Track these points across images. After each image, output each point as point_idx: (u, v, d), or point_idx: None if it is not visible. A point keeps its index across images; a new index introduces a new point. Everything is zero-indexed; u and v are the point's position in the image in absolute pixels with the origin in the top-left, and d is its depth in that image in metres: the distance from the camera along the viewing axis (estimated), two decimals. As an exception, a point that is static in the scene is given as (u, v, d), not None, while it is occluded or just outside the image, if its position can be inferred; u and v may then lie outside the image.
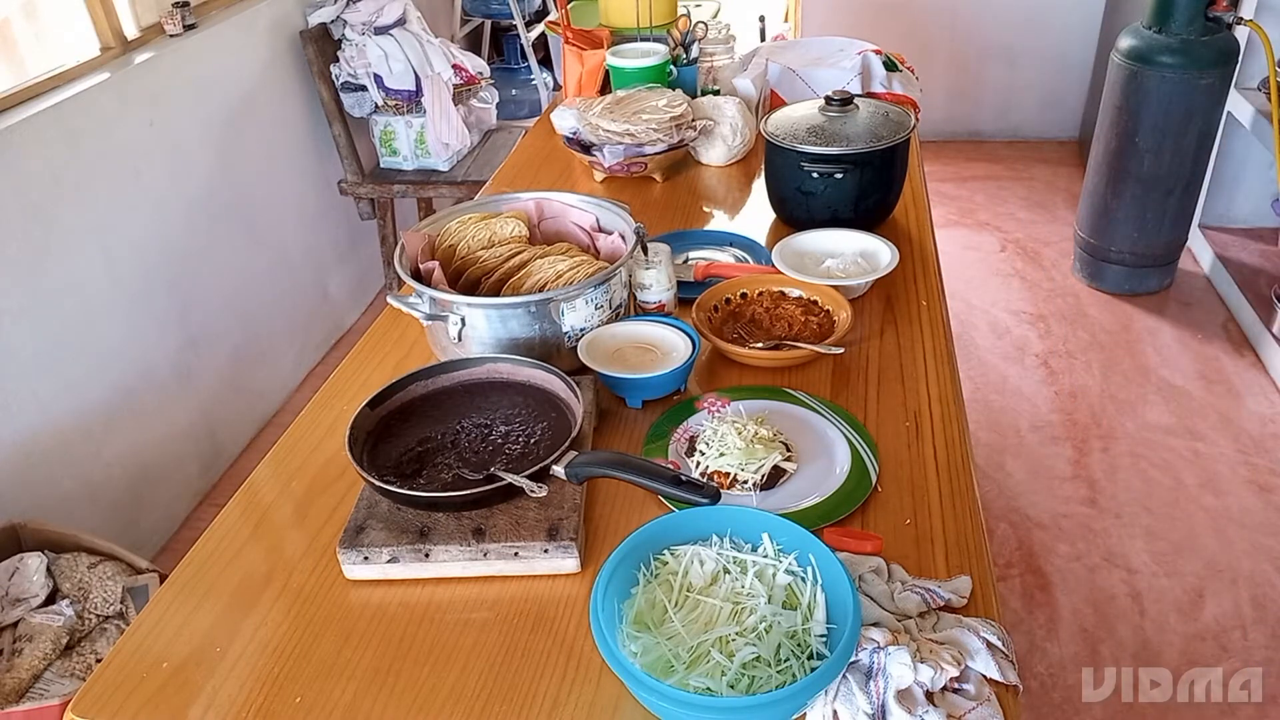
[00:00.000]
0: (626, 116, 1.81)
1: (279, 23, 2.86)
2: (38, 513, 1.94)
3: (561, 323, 1.22)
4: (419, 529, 0.99)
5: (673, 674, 0.79)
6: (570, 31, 2.20)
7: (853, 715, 0.77)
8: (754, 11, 3.25)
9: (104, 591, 1.79)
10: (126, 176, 2.27)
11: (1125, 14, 3.67)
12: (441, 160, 3.03)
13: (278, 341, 2.92)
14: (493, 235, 1.38)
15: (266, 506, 1.12)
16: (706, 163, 1.95)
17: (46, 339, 2.06)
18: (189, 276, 2.50)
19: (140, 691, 0.89)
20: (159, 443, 2.40)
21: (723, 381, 1.27)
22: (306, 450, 1.19)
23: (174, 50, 2.44)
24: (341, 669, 0.90)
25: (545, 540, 0.97)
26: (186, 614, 0.97)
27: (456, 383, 1.17)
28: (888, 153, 1.53)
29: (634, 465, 0.97)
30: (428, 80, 2.93)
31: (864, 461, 1.09)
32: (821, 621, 0.82)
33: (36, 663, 1.66)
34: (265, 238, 2.84)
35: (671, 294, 1.37)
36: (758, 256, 1.55)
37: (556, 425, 1.09)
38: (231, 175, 2.66)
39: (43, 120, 2.03)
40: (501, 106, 3.53)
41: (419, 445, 1.08)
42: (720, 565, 0.87)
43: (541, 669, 0.88)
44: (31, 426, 2.01)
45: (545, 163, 2.04)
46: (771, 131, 1.58)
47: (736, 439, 1.08)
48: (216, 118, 2.60)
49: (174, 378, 2.45)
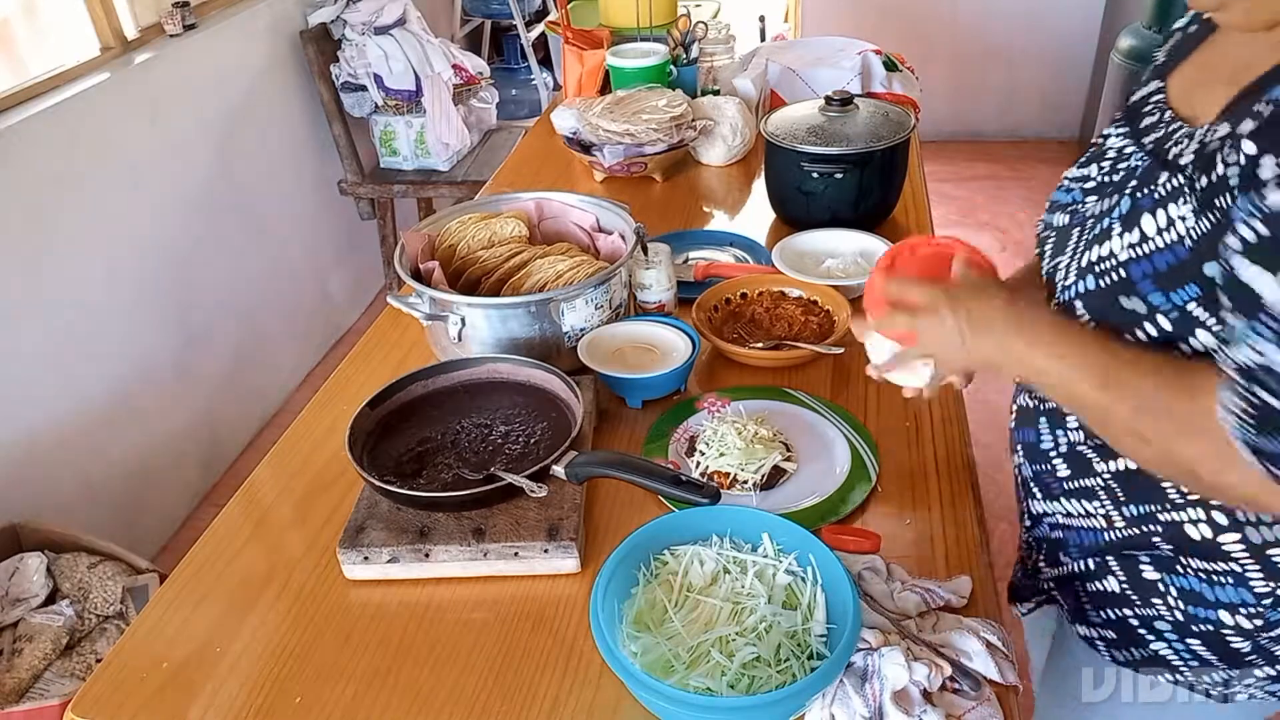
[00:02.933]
0: (626, 116, 1.81)
1: (279, 23, 2.85)
2: (38, 513, 1.93)
3: (561, 323, 1.22)
4: (419, 529, 0.99)
5: (673, 674, 0.79)
6: (570, 31, 2.20)
7: (850, 719, 0.77)
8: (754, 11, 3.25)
9: (104, 591, 1.79)
10: (126, 176, 2.27)
11: (1125, 14, 3.67)
12: (441, 160, 3.03)
13: (278, 341, 2.92)
14: (493, 235, 1.38)
15: (266, 506, 1.12)
16: (706, 163, 1.95)
17: (46, 339, 2.06)
18: (189, 276, 2.50)
19: (140, 691, 0.89)
20: (159, 443, 2.40)
21: (723, 381, 1.27)
22: (306, 450, 1.19)
23: (174, 50, 2.44)
24: (341, 669, 0.90)
25: (545, 540, 0.97)
26: (186, 614, 0.97)
27: (456, 383, 1.17)
28: (888, 153, 1.53)
29: (634, 465, 0.97)
30: (428, 80, 2.93)
31: (864, 461, 1.09)
32: (821, 621, 0.82)
33: (36, 663, 1.66)
34: (265, 238, 2.84)
35: (671, 294, 1.37)
36: (758, 256, 1.55)
37: (556, 425, 1.09)
38: (231, 175, 2.66)
39: (43, 120, 2.03)
40: (501, 106, 3.53)
41: (419, 445, 1.08)
42: (720, 565, 0.87)
43: (541, 669, 0.88)
44: (31, 426, 2.01)
45: (545, 163, 2.04)
46: (771, 131, 1.58)
47: (736, 439, 1.08)
48: (216, 118, 2.60)
49: (174, 378, 2.45)
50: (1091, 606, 1.00)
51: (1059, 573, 1.04)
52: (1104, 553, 0.96)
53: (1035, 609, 1.12)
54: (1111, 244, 0.83)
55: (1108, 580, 0.97)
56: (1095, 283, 0.85)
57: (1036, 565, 1.08)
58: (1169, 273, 0.78)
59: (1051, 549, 1.04)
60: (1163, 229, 0.79)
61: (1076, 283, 0.87)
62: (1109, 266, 0.83)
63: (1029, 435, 1.01)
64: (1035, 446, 0.99)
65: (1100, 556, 0.97)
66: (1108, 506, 0.93)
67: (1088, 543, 0.98)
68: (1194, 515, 0.87)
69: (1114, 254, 0.83)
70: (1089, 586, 0.99)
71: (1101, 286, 0.84)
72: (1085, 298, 0.86)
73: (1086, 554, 0.99)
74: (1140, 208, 0.81)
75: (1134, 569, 0.94)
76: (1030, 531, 1.07)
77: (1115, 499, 0.93)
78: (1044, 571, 1.07)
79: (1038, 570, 1.08)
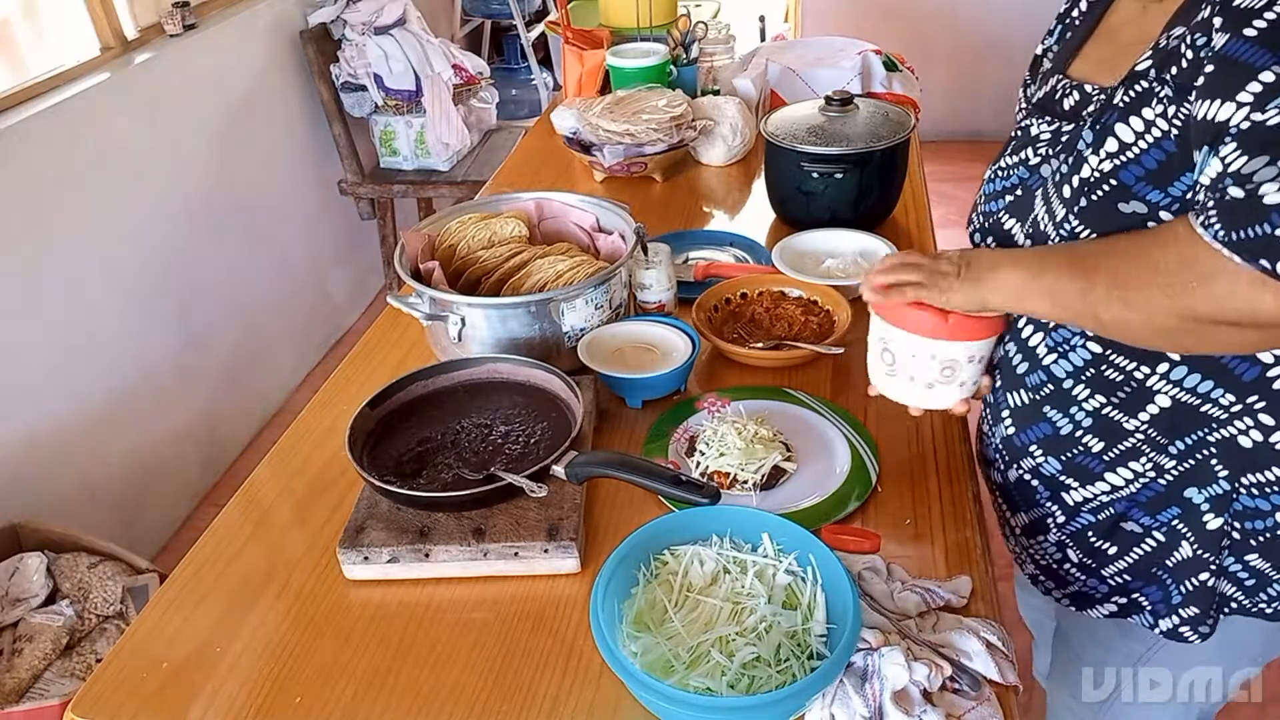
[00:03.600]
0: (626, 116, 1.81)
1: (279, 23, 2.85)
2: (38, 513, 1.93)
3: (561, 323, 1.22)
4: (419, 529, 0.99)
5: (673, 674, 0.79)
6: (570, 31, 2.20)
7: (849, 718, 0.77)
8: (754, 11, 3.25)
9: (104, 591, 1.79)
10: (126, 176, 2.27)
11: (1125, 14, 3.66)
12: (441, 160, 3.03)
13: (278, 341, 2.92)
14: (493, 235, 1.38)
15: (266, 506, 1.12)
16: (706, 163, 1.95)
17: (47, 339, 2.06)
18: (189, 276, 2.50)
19: (140, 691, 0.89)
20: (159, 443, 2.40)
21: (723, 381, 1.27)
22: (306, 450, 1.19)
23: (174, 50, 2.44)
24: (341, 669, 0.90)
25: (545, 540, 0.97)
26: (186, 614, 0.97)
27: (456, 383, 1.17)
28: (888, 153, 1.53)
29: (634, 465, 0.97)
30: (428, 80, 2.93)
31: (864, 461, 1.09)
32: (821, 621, 0.82)
33: (36, 663, 1.66)
34: (265, 238, 2.84)
35: (671, 294, 1.37)
36: (758, 256, 1.55)
37: (556, 425, 1.09)
38: (231, 175, 2.66)
39: (43, 120, 2.03)
40: (501, 106, 3.53)
41: (419, 445, 1.08)
42: (720, 565, 0.87)
43: (541, 669, 0.88)
44: (31, 426, 2.01)
45: (545, 163, 2.03)
46: (771, 131, 1.58)
47: (736, 439, 1.08)
48: (216, 118, 2.60)
49: (174, 378, 2.45)
50: (1174, 582, 0.98)
51: (1131, 559, 1.00)
52: (1165, 503, 0.95)
53: (1118, 614, 1.05)
54: (1089, 165, 0.86)
55: (1180, 549, 0.96)
56: (1088, 200, 0.86)
57: (1102, 555, 1.02)
58: (1160, 170, 0.81)
59: (1109, 530, 1.00)
60: (1140, 133, 0.82)
61: (1068, 215, 0.88)
62: (1096, 180, 0.85)
63: (1043, 430, 0.99)
64: (1055, 437, 0.98)
65: (1163, 510, 0.96)
66: (1154, 455, 0.93)
67: (1145, 500, 0.96)
68: (1241, 426, 0.88)
69: (1096, 169, 0.85)
70: (1167, 562, 0.98)
71: (1096, 199, 0.86)
72: (1082, 215, 0.87)
73: (1149, 512, 0.97)
74: (1107, 124, 0.84)
75: (1198, 523, 0.94)
76: (1068, 525, 1.03)
77: (1157, 445, 0.92)
78: (1112, 563, 1.02)
79: (1103, 560, 1.03)
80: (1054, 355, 0.95)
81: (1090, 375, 0.93)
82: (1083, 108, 0.91)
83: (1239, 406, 0.87)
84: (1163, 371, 0.89)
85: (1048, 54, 1.05)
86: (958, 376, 0.96)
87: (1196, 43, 0.77)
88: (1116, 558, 1.01)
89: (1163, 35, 0.82)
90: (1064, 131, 0.93)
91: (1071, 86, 0.94)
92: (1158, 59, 0.81)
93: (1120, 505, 0.98)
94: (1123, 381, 0.91)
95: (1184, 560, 0.96)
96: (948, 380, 0.96)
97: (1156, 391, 0.90)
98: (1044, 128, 0.97)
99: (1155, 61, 0.81)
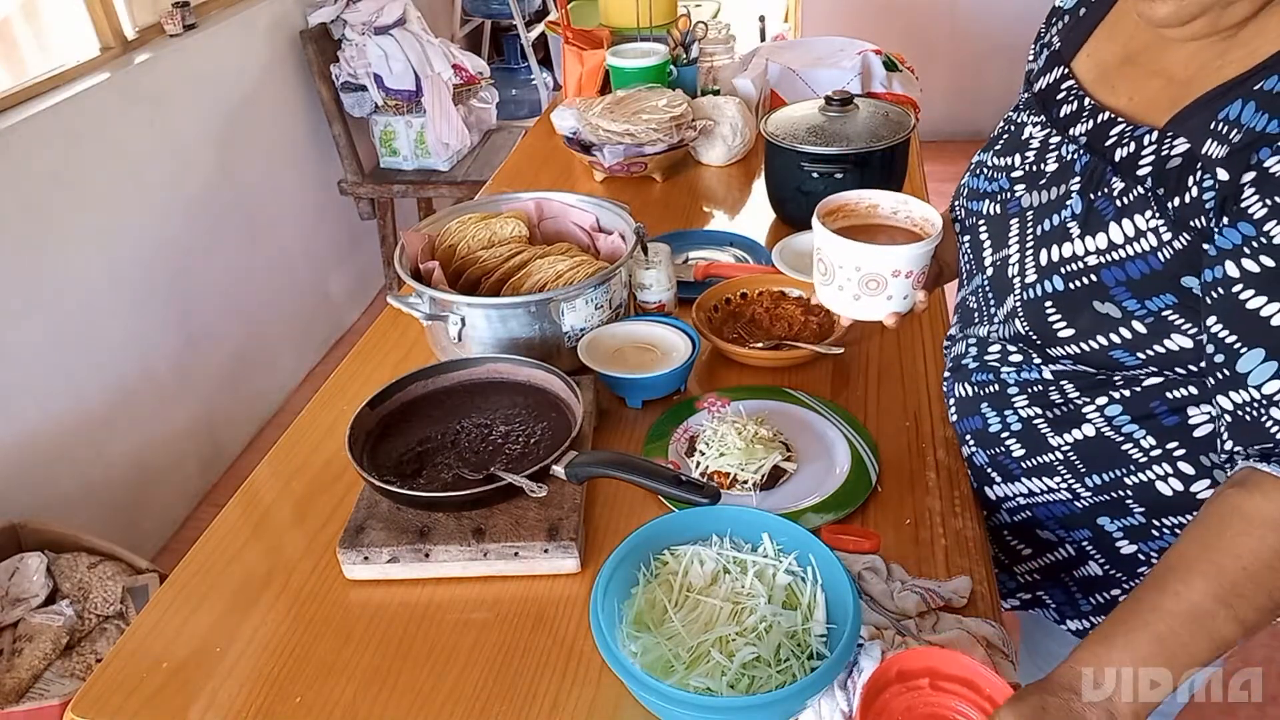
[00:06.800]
0: (626, 116, 1.81)
1: (279, 23, 2.86)
2: (38, 513, 1.94)
3: (561, 323, 1.22)
4: (419, 529, 0.99)
5: (673, 674, 0.79)
6: (570, 31, 2.20)
7: (830, 712, 0.77)
8: (754, 11, 3.25)
9: (104, 591, 1.79)
10: (126, 176, 2.27)
11: (1125, 14, 3.66)
12: (441, 160, 3.03)
13: (278, 341, 2.92)
14: (493, 235, 1.38)
15: (266, 506, 1.12)
16: (706, 163, 1.95)
17: (46, 339, 2.06)
18: (189, 276, 2.50)
19: (140, 691, 0.89)
20: (159, 443, 2.40)
21: (723, 381, 1.27)
22: (306, 450, 1.19)
23: (174, 50, 2.45)
24: (341, 669, 0.90)
25: (545, 540, 0.97)
26: (186, 614, 0.97)
27: (456, 383, 1.17)
28: (888, 153, 1.53)
29: (634, 465, 0.97)
30: (428, 80, 2.93)
31: (864, 461, 1.09)
32: (821, 621, 0.82)
33: (36, 663, 1.66)
34: (265, 238, 2.84)
35: (671, 294, 1.37)
36: (758, 256, 1.55)
37: (556, 425, 1.09)
38: (231, 175, 2.66)
39: (43, 120, 2.03)
40: (501, 106, 3.53)
41: (419, 445, 1.08)
42: (720, 565, 0.87)
43: (541, 669, 0.88)
44: (31, 426, 2.01)
45: (545, 163, 2.03)
46: (771, 131, 1.58)
47: (736, 439, 1.08)
48: (216, 118, 2.60)
49: (174, 378, 2.45)
50: (1081, 593, 1.00)
51: (1042, 563, 1.04)
52: (1078, 523, 0.97)
53: (1020, 607, 1.11)
54: (1074, 246, 0.85)
55: (1089, 566, 0.97)
56: (1064, 284, 0.86)
57: (1015, 553, 1.07)
58: (1143, 281, 0.80)
59: (1023, 531, 1.04)
60: (1131, 238, 0.80)
61: (1040, 282, 0.88)
62: (1077, 269, 0.84)
63: (975, 423, 1.02)
64: (984, 432, 1.01)
65: (1076, 529, 0.97)
66: (1069, 480, 0.95)
67: (1059, 514, 0.98)
68: (1161, 471, 0.88)
69: (1079, 257, 0.84)
70: (1075, 574, 1.00)
71: (1072, 289, 0.85)
72: (1055, 299, 0.87)
73: (1062, 526, 0.99)
74: (1102, 214, 0.83)
75: (1110, 547, 0.95)
76: (990, 519, 1.07)
77: (1076, 471, 0.94)
78: (1024, 562, 1.07)
79: (1016, 558, 1.08)
80: (1009, 367, 0.97)
81: (1034, 391, 0.95)
82: (1072, 123, 0.90)
83: (1158, 451, 0.88)
84: (1100, 404, 0.90)
85: (1048, 45, 1.01)
86: (884, 290, 0.99)
87: (1204, 182, 0.74)
88: (1030, 558, 1.05)
89: (1164, 141, 0.78)
90: (1046, 160, 0.91)
91: (1071, 93, 0.92)
92: (1160, 177, 0.78)
93: (1037, 510, 1.00)
94: (1061, 403, 0.93)
95: (1094, 577, 0.98)
96: (874, 293, 1.00)
97: (1085, 419, 0.91)
98: (1035, 132, 0.95)
99: (1157, 177, 0.79)
